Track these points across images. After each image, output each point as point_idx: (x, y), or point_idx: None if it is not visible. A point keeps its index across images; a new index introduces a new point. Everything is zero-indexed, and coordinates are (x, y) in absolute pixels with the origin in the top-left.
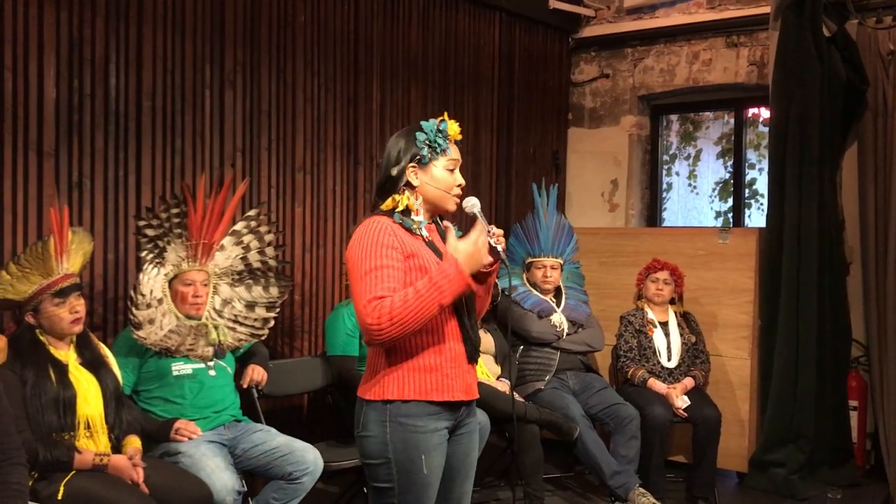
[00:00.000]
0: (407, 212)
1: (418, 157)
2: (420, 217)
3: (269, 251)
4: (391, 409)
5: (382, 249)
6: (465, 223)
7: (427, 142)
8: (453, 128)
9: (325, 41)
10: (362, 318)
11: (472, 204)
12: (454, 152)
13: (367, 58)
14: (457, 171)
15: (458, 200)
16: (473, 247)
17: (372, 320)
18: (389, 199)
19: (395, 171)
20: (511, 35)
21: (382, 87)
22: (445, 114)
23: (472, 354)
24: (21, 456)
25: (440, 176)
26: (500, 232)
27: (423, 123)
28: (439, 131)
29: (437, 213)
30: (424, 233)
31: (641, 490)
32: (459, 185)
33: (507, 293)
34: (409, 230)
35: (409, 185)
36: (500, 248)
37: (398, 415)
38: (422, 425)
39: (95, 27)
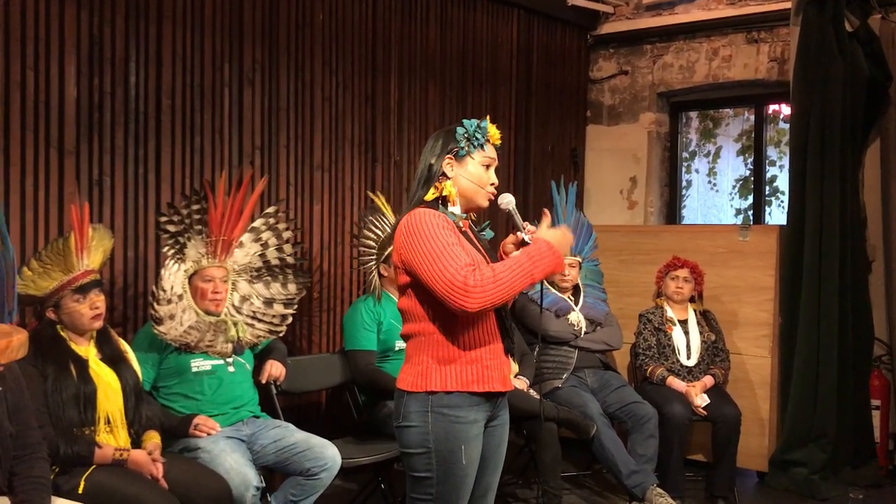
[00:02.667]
0: (445, 202)
1: (455, 149)
2: (457, 208)
3: (287, 248)
4: (434, 399)
5: (443, 231)
6: (498, 220)
7: (465, 135)
8: (493, 130)
9: (343, 40)
10: (460, 284)
11: (508, 201)
12: (491, 151)
13: (384, 56)
14: (492, 170)
15: (492, 198)
16: (563, 234)
17: (474, 282)
18: (432, 189)
19: (433, 161)
20: (529, 32)
21: (400, 85)
22: (489, 116)
23: (510, 346)
24: (43, 450)
25: (475, 170)
26: (535, 229)
27: (464, 121)
28: (479, 127)
29: (469, 210)
30: (461, 223)
31: (658, 490)
32: (493, 184)
33: (524, 291)
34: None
35: (445, 176)
36: None
37: (440, 405)
38: (463, 416)
39: (115, 26)
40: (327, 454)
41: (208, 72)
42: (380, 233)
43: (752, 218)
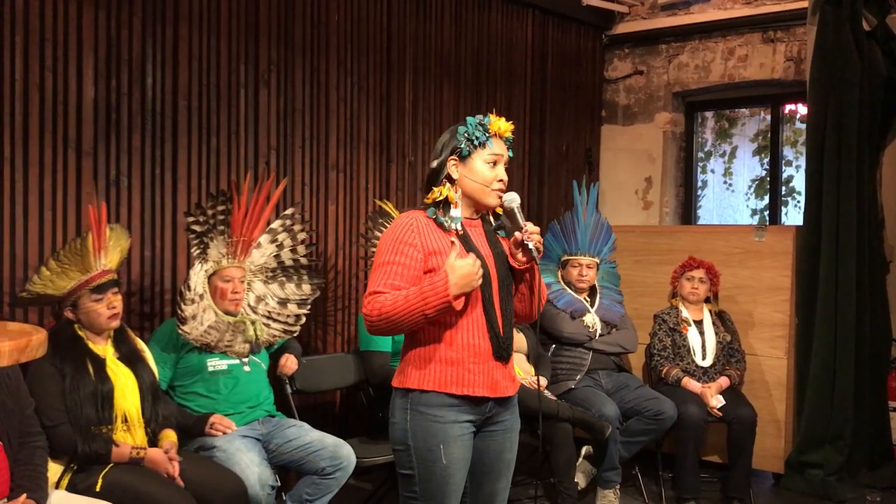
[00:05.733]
0: (447, 205)
1: (458, 150)
2: (458, 210)
3: (301, 249)
4: (412, 397)
5: (400, 246)
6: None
7: (466, 135)
8: (497, 124)
9: (359, 40)
10: (364, 305)
11: (511, 199)
12: (497, 147)
13: (399, 56)
14: (499, 166)
15: (500, 195)
16: (468, 269)
17: (366, 311)
18: (431, 192)
19: (436, 164)
20: (544, 32)
21: (415, 86)
22: (494, 111)
23: (499, 351)
24: (41, 439)
25: (479, 169)
26: (537, 230)
27: (467, 118)
28: (480, 125)
29: (480, 209)
30: (457, 226)
31: (616, 493)
32: (501, 180)
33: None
34: (440, 226)
35: (450, 178)
36: (531, 244)
37: (418, 404)
38: (441, 416)
39: (133, 27)
40: (342, 453)
41: (224, 73)
42: None
43: (767, 218)
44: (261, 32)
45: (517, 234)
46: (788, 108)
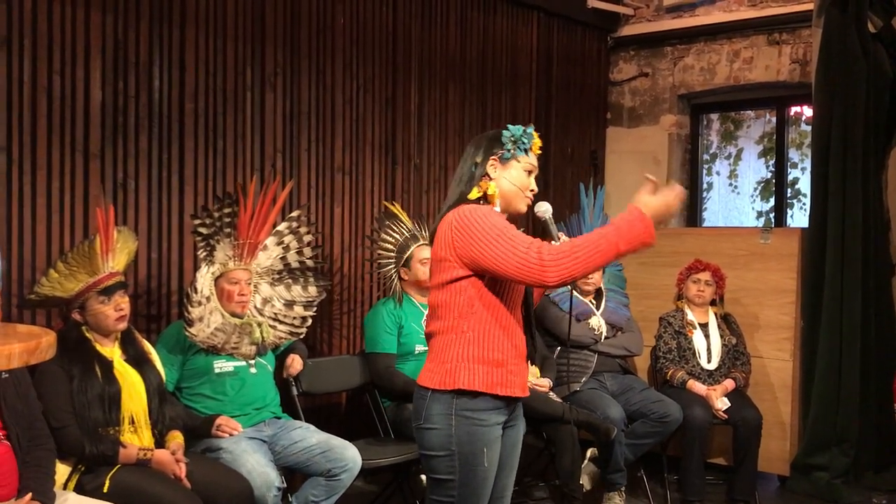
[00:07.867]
0: (486, 202)
1: (500, 152)
2: (497, 209)
3: (307, 251)
4: (458, 402)
5: (499, 217)
6: (529, 227)
7: (512, 139)
8: (536, 139)
9: (364, 43)
10: (535, 259)
11: (545, 209)
12: (533, 159)
13: (405, 59)
14: (532, 177)
15: (530, 203)
16: (664, 203)
17: (548, 255)
18: (476, 188)
19: (479, 159)
20: (549, 34)
21: (420, 88)
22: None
23: (532, 353)
24: (50, 443)
25: (517, 174)
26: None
27: (509, 125)
28: (525, 132)
29: (507, 214)
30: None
31: (622, 495)
32: (532, 190)
33: (546, 293)
34: None
35: (488, 177)
36: None
37: (464, 408)
38: (485, 419)
39: (139, 30)
40: (348, 455)
41: (231, 75)
42: (398, 237)
43: (773, 220)
44: (267, 36)
45: (552, 242)
46: (794, 110)
